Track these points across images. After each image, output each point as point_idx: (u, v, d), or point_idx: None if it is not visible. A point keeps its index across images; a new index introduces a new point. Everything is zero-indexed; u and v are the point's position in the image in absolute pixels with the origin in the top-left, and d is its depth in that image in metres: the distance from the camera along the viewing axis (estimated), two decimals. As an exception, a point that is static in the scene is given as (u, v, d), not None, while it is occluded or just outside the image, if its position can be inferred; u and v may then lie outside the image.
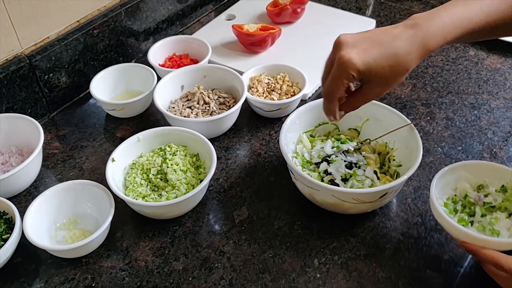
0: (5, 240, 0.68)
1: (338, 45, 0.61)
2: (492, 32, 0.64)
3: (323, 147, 0.78)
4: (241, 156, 0.87)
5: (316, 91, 1.00)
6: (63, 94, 0.97)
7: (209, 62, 1.02)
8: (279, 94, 0.93)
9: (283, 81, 0.95)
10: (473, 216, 0.67)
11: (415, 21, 0.61)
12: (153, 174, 0.78)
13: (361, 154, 0.78)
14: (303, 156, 0.79)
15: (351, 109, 0.67)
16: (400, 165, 0.77)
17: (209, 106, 0.90)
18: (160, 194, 0.76)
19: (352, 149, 0.77)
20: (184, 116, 0.88)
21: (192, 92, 0.93)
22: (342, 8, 1.24)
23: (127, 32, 1.05)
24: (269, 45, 1.08)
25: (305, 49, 1.10)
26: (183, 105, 0.92)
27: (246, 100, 0.90)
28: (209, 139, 0.80)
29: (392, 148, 0.79)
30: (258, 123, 0.93)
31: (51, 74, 0.93)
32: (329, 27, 1.15)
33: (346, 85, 0.62)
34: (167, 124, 0.90)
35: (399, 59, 0.59)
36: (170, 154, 0.79)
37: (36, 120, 0.84)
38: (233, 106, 0.87)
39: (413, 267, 0.69)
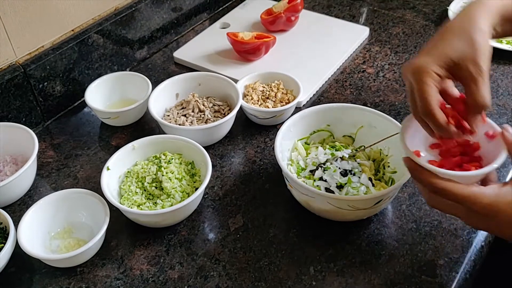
0: (-1, 250, 0.68)
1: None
2: None
3: (317, 155, 0.79)
4: (236, 163, 0.87)
5: (310, 98, 1.00)
6: (58, 102, 0.97)
7: (204, 70, 1.02)
8: (274, 101, 0.93)
9: (277, 89, 0.95)
10: None
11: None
12: (148, 183, 0.78)
13: (355, 161, 0.78)
14: (298, 163, 0.79)
15: (474, 108, 0.56)
16: (394, 172, 0.77)
17: (204, 114, 0.91)
18: (155, 203, 0.76)
19: (347, 156, 0.78)
20: (179, 124, 0.88)
21: (187, 100, 0.94)
22: (336, 16, 1.24)
23: (121, 41, 1.06)
24: (264, 53, 1.08)
25: (299, 57, 1.10)
26: (178, 113, 0.92)
27: (241, 108, 0.90)
28: (204, 147, 0.80)
29: (387, 155, 0.80)
30: (253, 131, 0.93)
31: (45, 83, 0.93)
32: (323, 35, 1.16)
33: (435, 84, 0.55)
34: (162, 132, 0.90)
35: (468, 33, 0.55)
36: (165, 162, 0.79)
37: (31, 129, 0.84)
38: (228, 114, 0.88)
39: (408, 273, 0.69)
